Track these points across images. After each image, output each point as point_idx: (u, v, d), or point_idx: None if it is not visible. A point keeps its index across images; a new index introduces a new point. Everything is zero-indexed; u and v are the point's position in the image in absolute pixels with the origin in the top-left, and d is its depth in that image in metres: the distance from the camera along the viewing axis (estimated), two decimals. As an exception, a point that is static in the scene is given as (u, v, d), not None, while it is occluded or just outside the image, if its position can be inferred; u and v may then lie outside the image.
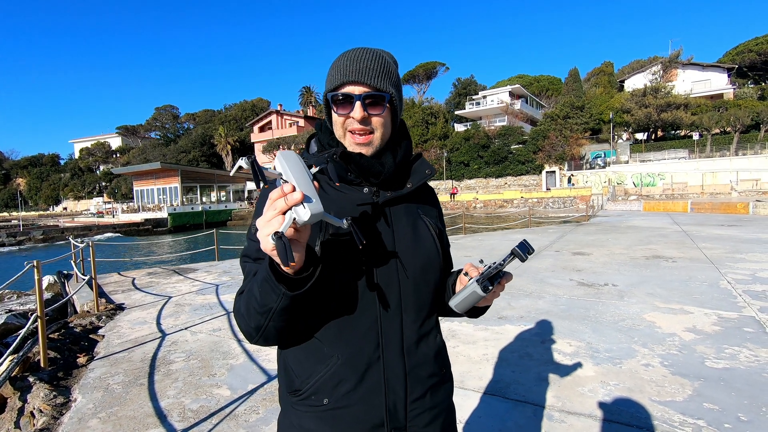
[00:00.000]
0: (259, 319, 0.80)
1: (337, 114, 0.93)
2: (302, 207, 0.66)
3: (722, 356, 3.26)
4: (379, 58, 0.92)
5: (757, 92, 38.96)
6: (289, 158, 0.70)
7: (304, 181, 0.68)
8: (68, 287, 7.30)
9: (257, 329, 0.82)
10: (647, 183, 33.63)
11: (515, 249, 0.81)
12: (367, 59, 0.91)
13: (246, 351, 3.73)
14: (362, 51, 0.92)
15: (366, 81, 0.89)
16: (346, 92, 0.90)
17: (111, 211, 43.27)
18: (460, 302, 0.90)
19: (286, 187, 0.66)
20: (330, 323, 0.89)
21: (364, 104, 0.90)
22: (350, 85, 0.90)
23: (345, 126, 0.93)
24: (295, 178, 0.68)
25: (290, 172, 0.68)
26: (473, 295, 0.87)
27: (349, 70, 0.90)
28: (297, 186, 0.67)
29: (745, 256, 7.42)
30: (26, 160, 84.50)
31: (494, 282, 0.86)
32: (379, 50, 0.95)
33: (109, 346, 4.01)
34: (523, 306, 4.82)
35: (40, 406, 2.79)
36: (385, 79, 0.91)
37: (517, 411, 2.57)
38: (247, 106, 68.36)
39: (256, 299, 0.78)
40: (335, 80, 0.91)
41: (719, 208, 19.04)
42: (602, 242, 10.01)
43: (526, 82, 55.08)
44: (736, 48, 44.60)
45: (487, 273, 0.85)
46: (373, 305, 0.89)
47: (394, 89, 0.93)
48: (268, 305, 0.77)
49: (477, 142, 41.73)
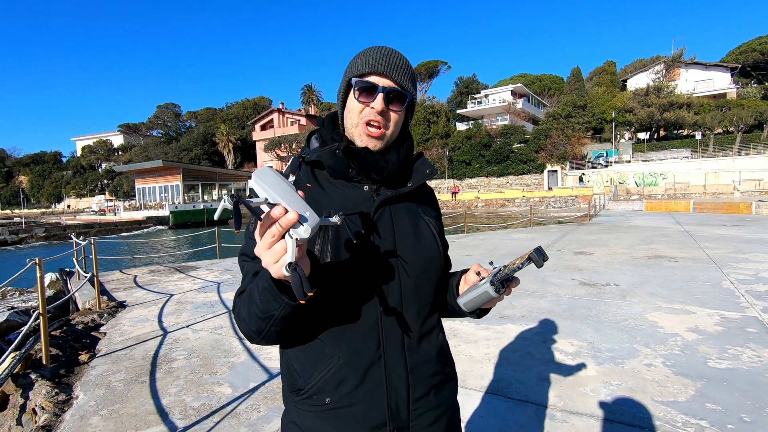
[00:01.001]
0: (261, 324, 0.80)
1: (358, 100, 0.92)
2: (300, 225, 0.63)
3: (725, 356, 3.25)
4: (405, 60, 0.95)
5: (761, 92, 38.75)
6: (266, 177, 0.66)
7: (292, 196, 0.65)
8: (70, 285, 7.32)
9: (258, 332, 0.82)
10: (649, 183, 33.54)
11: (532, 254, 0.81)
12: (395, 56, 0.93)
13: (247, 349, 3.73)
14: (391, 49, 0.95)
15: (393, 76, 0.91)
16: (372, 81, 0.91)
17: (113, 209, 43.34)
18: (470, 301, 0.90)
19: (277, 210, 0.62)
20: (331, 323, 0.88)
21: (387, 98, 0.91)
22: (376, 75, 0.91)
23: (362, 115, 0.92)
24: (282, 197, 0.64)
25: (273, 192, 0.64)
26: (484, 295, 0.87)
27: (378, 62, 0.91)
28: (287, 205, 0.63)
29: (747, 257, 7.40)
30: (28, 157, 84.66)
31: (505, 284, 0.86)
32: (403, 54, 0.97)
33: (111, 344, 4.02)
34: (525, 305, 4.81)
35: (42, 403, 2.80)
36: (409, 80, 0.94)
37: (518, 410, 2.57)
38: (248, 104, 68.35)
39: (257, 305, 0.78)
40: (362, 68, 0.92)
41: (722, 208, 18.98)
42: (604, 242, 9.99)
43: (528, 81, 54.95)
44: (740, 47, 44.39)
45: (503, 276, 0.85)
46: (374, 304, 0.88)
47: (414, 92, 0.95)
48: (269, 312, 0.77)
49: (479, 141, 41.66)
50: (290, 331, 0.86)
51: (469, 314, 0.98)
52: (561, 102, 43.57)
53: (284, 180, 0.67)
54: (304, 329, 0.90)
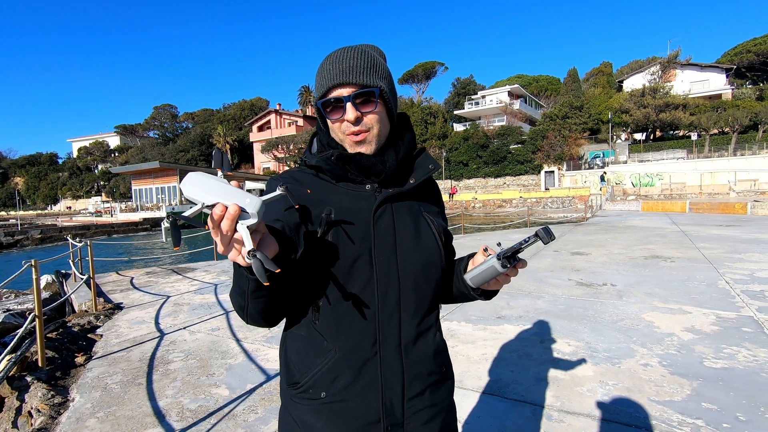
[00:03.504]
0: (239, 300, 0.83)
1: (331, 120, 0.92)
2: (245, 213, 0.64)
3: (721, 356, 3.27)
4: (362, 54, 0.90)
5: (756, 93, 39.03)
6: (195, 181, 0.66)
7: (226, 191, 0.65)
8: (66, 287, 7.29)
9: (241, 308, 0.85)
10: (646, 183, 33.69)
11: (539, 231, 0.81)
12: (349, 58, 0.89)
13: (245, 350, 3.72)
14: (344, 51, 0.91)
15: (352, 80, 0.87)
16: (335, 96, 0.88)
17: (109, 211, 43.16)
18: (476, 276, 0.90)
19: (217, 209, 0.63)
20: (330, 317, 0.89)
21: (355, 104, 0.88)
22: (338, 88, 0.88)
23: (342, 130, 0.91)
24: (217, 196, 0.64)
25: (206, 193, 0.65)
26: (491, 270, 0.87)
27: (333, 73, 0.88)
28: (224, 201, 0.64)
29: (743, 256, 7.44)
30: (24, 159, 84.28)
31: (512, 261, 0.86)
32: (362, 46, 0.93)
33: (108, 346, 4.00)
34: (522, 305, 4.82)
35: (38, 406, 2.78)
36: (372, 74, 0.89)
37: (516, 411, 2.57)
38: (245, 105, 68.27)
39: (235, 281, 0.82)
40: (322, 86, 0.90)
41: (717, 208, 19.09)
42: (601, 242, 10.03)
43: (525, 82, 55.16)
44: (735, 48, 44.71)
45: (509, 249, 0.85)
46: (372, 302, 0.89)
47: (383, 82, 0.90)
48: (242, 287, 0.80)
49: (476, 142, 41.76)
50: (271, 310, 0.85)
51: (476, 296, 0.97)
52: (558, 103, 43.76)
53: (213, 178, 0.67)
54: (291, 313, 0.94)
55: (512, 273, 0.88)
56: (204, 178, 0.66)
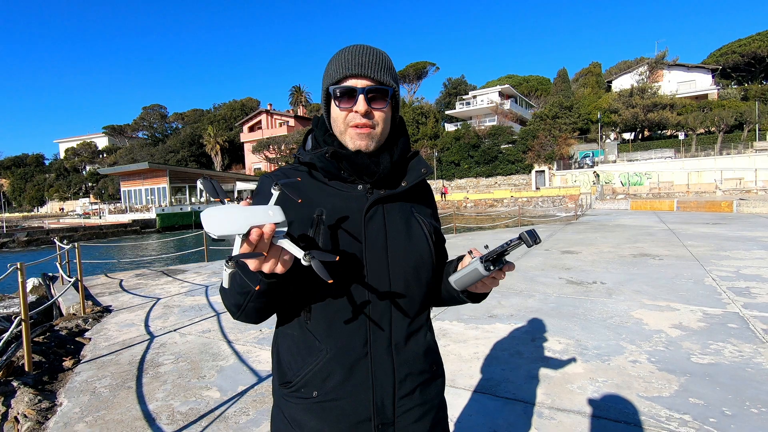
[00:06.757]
0: (239, 298, 0.84)
1: (339, 108, 0.91)
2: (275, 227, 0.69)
3: (707, 352, 3.32)
4: (380, 54, 0.92)
5: (741, 93, 39.69)
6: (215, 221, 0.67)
7: (248, 214, 0.68)
8: (53, 289, 7.17)
9: (237, 307, 0.85)
10: (634, 182, 34.11)
11: (523, 233, 0.80)
12: (368, 54, 0.90)
13: (236, 352, 3.70)
14: (363, 46, 0.93)
15: (369, 74, 0.89)
16: (349, 85, 0.89)
17: (98, 212, 42.54)
18: (460, 278, 0.89)
19: (254, 235, 0.67)
20: (321, 317, 0.89)
21: (368, 98, 0.89)
22: (353, 78, 0.89)
23: (347, 121, 0.91)
24: (245, 222, 0.67)
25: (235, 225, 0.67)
26: (474, 273, 0.86)
27: (351, 64, 0.89)
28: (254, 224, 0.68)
29: (729, 254, 7.57)
30: (9, 160, 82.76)
31: (497, 264, 0.85)
32: (377, 48, 0.96)
33: (96, 349, 3.95)
34: (513, 304, 4.85)
35: (25, 411, 2.74)
36: (387, 74, 0.91)
37: (507, 409, 2.59)
38: (236, 105, 67.77)
39: (235, 281, 0.81)
40: (337, 73, 0.90)
41: (704, 207, 19.42)
42: (591, 241, 10.13)
43: (515, 83, 55.49)
44: (720, 49, 45.43)
45: (492, 252, 0.84)
46: (363, 302, 0.89)
47: (396, 85, 0.93)
48: (246, 288, 0.80)
49: (467, 142, 41.95)
50: (268, 309, 0.88)
51: (464, 299, 0.97)
52: (548, 103, 44.14)
53: (227, 208, 0.69)
54: (285, 311, 0.94)
55: (499, 276, 0.87)
56: (220, 212, 0.68)
